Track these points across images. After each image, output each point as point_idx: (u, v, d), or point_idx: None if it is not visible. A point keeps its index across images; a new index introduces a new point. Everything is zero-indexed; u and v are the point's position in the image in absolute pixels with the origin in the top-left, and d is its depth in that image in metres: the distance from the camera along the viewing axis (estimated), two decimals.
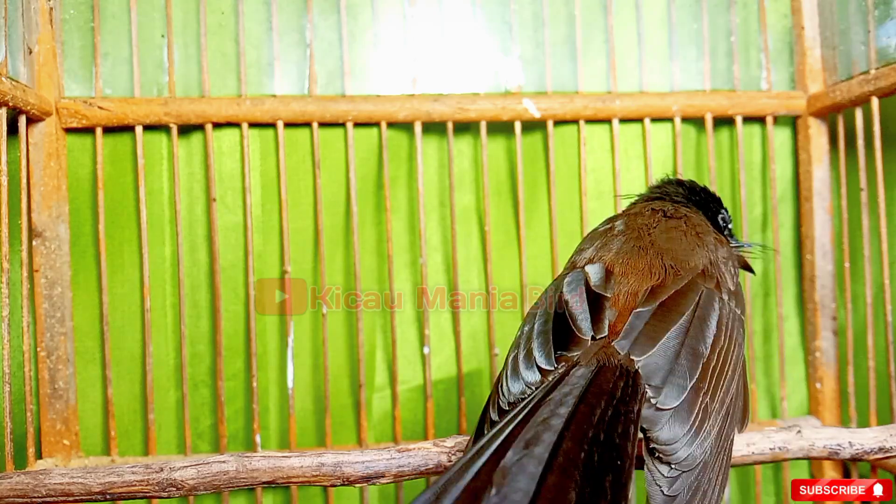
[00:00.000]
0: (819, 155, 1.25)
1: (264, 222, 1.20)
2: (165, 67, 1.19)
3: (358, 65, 1.23)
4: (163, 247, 1.18)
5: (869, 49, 1.13)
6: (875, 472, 1.12)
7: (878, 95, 1.10)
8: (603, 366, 0.69)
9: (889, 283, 1.11)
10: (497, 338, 1.22)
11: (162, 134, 1.18)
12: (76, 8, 1.17)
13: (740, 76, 1.28)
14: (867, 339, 1.14)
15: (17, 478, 0.80)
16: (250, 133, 1.18)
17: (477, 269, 1.24)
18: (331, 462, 0.83)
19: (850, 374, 1.19)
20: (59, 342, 1.12)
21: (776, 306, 1.28)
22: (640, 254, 0.83)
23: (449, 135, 1.21)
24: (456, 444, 0.84)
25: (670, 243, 0.85)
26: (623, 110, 1.23)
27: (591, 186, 1.25)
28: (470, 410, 1.23)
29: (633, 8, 1.27)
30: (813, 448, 0.87)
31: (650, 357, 0.70)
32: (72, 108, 1.13)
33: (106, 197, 1.16)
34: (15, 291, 1.05)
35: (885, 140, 1.12)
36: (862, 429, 0.89)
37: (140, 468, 0.81)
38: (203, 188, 1.19)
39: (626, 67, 1.27)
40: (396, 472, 0.83)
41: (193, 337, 1.18)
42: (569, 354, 0.72)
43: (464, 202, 1.24)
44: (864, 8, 1.14)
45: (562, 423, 0.59)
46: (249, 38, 1.20)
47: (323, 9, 1.22)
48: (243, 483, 0.82)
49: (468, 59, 1.25)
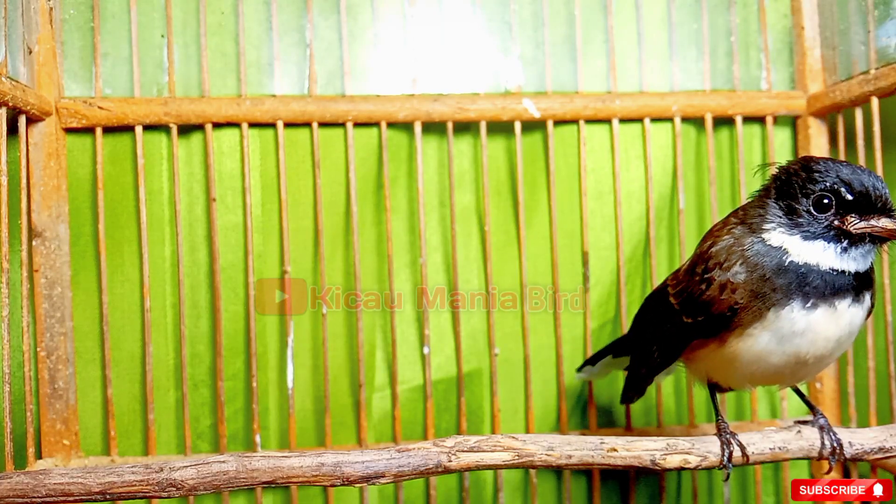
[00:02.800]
0: (819, 155, 1.25)
1: (264, 222, 1.20)
2: (165, 67, 1.19)
3: (358, 65, 1.23)
4: (163, 247, 1.18)
5: (869, 49, 1.13)
6: (875, 472, 1.12)
7: (878, 95, 1.10)
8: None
9: (889, 283, 1.11)
10: (497, 338, 1.22)
11: (162, 134, 1.18)
12: (76, 8, 1.17)
13: (740, 76, 1.28)
14: (867, 339, 1.14)
15: (16, 478, 0.79)
16: (250, 133, 1.18)
17: (477, 269, 1.24)
18: (331, 462, 0.83)
19: (850, 374, 1.19)
20: (59, 342, 1.12)
21: None
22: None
23: (449, 135, 1.21)
24: (456, 443, 0.84)
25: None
26: (623, 110, 1.23)
27: (591, 186, 1.25)
28: (470, 410, 1.23)
29: (633, 8, 1.27)
30: (813, 448, 0.87)
31: None
32: (72, 108, 1.13)
33: (106, 197, 1.16)
34: (15, 291, 1.05)
35: (885, 140, 1.12)
36: (862, 429, 0.89)
37: (140, 468, 0.81)
38: (203, 188, 1.19)
39: (626, 67, 1.27)
40: (396, 472, 0.83)
41: (193, 337, 1.18)
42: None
43: (464, 202, 1.24)
44: (864, 8, 1.14)
45: None
46: (249, 38, 1.20)
47: (323, 9, 1.22)
48: (243, 483, 0.82)
49: (468, 59, 1.25)
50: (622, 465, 0.85)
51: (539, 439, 0.85)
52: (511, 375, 1.23)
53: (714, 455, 0.86)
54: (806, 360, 0.85)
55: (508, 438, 0.85)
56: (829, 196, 0.83)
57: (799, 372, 0.88)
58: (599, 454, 0.85)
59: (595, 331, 1.25)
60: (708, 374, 0.93)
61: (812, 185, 0.83)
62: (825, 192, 0.83)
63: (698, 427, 1.23)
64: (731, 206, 1.29)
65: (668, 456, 0.85)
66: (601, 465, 0.85)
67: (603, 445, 0.85)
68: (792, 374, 0.88)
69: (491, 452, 0.84)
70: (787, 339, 0.83)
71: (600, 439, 0.86)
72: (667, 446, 0.85)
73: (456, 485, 1.22)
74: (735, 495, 1.28)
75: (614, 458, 0.85)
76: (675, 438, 0.86)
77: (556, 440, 0.85)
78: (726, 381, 0.93)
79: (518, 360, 1.23)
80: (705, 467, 0.86)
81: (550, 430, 1.24)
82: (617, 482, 1.26)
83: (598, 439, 0.86)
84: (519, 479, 1.25)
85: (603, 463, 0.85)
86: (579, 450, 0.85)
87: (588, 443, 0.85)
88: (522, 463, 0.84)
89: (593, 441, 0.86)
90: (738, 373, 0.89)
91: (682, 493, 1.27)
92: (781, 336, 0.83)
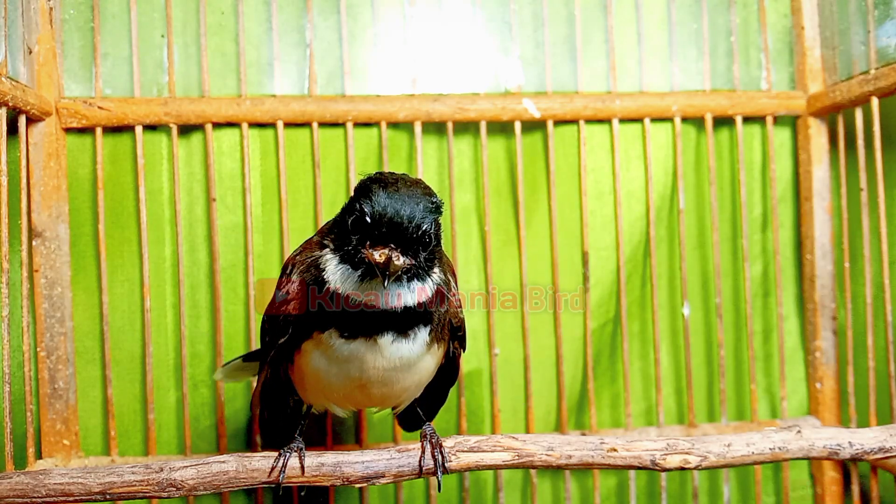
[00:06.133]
0: (819, 155, 1.25)
1: (264, 222, 1.20)
2: (165, 67, 1.19)
3: (358, 65, 1.23)
4: (163, 247, 1.18)
5: (869, 49, 1.13)
6: (875, 472, 1.12)
7: (878, 95, 1.10)
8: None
9: (889, 283, 1.11)
10: (497, 338, 1.22)
11: (162, 134, 1.18)
12: (76, 8, 1.17)
13: (740, 76, 1.28)
14: (867, 339, 1.14)
15: (16, 478, 0.80)
16: (250, 133, 1.19)
17: (477, 269, 1.24)
18: (331, 462, 0.83)
19: (850, 374, 1.19)
20: (59, 342, 1.12)
21: (776, 306, 1.28)
22: None
23: (449, 135, 1.21)
24: (456, 443, 0.85)
25: None
26: (623, 110, 1.23)
27: (591, 186, 1.25)
28: (470, 410, 1.23)
29: (633, 8, 1.27)
30: (813, 448, 0.87)
31: None
32: (72, 108, 1.13)
33: (106, 197, 1.16)
34: (15, 291, 1.05)
35: (885, 140, 1.12)
36: (862, 429, 0.89)
37: (140, 468, 0.81)
38: (203, 188, 1.19)
39: (626, 67, 1.27)
40: (396, 472, 0.83)
41: (193, 337, 1.18)
42: None
43: (464, 202, 1.24)
44: (864, 8, 1.14)
45: None
46: (249, 38, 1.20)
47: (323, 9, 1.22)
48: (243, 483, 0.82)
49: (468, 59, 1.25)
50: (622, 465, 0.85)
51: (539, 439, 0.85)
52: (511, 375, 1.23)
53: (714, 455, 0.86)
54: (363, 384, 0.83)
55: (508, 438, 0.85)
56: (358, 214, 0.76)
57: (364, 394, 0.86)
58: (599, 454, 0.85)
59: (595, 331, 1.25)
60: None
61: (356, 200, 0.77)
62: (358, 210, 0.76)
63: (698, 427, 1.23)
64: (731, 206, 1.29)
65: (668, 456, 0.85)
66: (601, 465, 0.86)
67: (603, 445, 0.85)
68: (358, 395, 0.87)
69: (491, 452, 0.84)
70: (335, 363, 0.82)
71: (600, 439, 0.86)
72: (667, 446, 0.85)
73: (456, 485, 1.22)
74: (735, 495, 1.28)
75: (614, 458, 0.85)
76: (675, 438, 0.86)
77: (556, 440, 0.85)
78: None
79: (518, 360, 1.23)
80: (705, 467, 0.86)
81: (550, 430, 1.24)
82: (617, 482, 1.26)
83: (598, 439, 0.86)
84: (519, 479, 1.25)
85: (603, 463, 0.85)
86: (579, 450, 0.85)
87: (588, 443, 0.86)
88: (522, 463, 0.85)
89: (593, 441, 0.86)
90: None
91: (682, 493, 1.27)
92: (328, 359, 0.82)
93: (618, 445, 0.85)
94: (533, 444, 0.84)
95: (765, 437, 0.87)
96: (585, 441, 0.86)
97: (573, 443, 0.85)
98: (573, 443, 0.85)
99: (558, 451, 0.85)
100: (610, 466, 0.86)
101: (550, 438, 0.85)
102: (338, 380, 0.84)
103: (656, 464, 0.85)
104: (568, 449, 0.85)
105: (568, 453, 0.85)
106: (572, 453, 0.85)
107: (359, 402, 0.91)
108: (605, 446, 0.85)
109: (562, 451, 0.85)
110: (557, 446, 0.85)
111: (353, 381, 0.84)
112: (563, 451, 0.85)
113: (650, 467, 0.85)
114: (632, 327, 1.26)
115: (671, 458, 0.85)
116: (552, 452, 0.84)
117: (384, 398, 0.88)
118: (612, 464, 0.85)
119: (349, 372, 0.82)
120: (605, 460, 0.85)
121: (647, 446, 0.85)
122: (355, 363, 0.81)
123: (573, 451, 0.85)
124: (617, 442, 0.85)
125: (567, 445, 0.85)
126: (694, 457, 0.85)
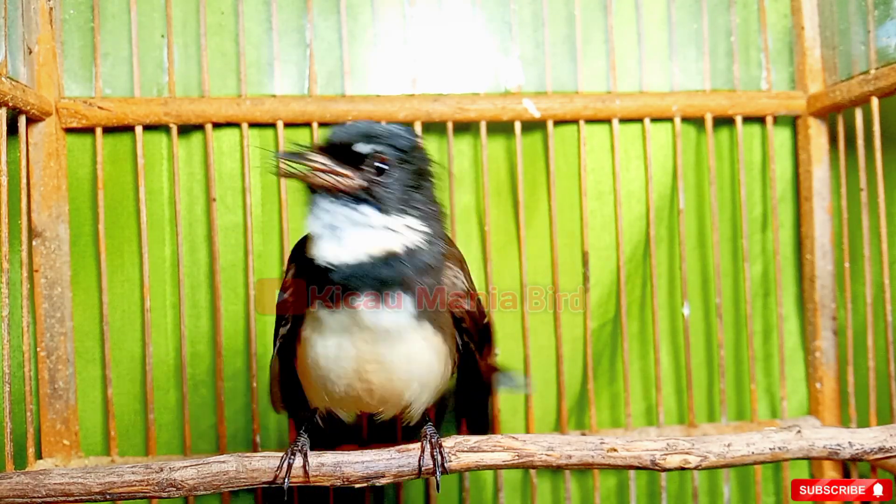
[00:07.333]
0: (819, 155, 1.25)
1: (264, 222, 1.20)
2: (165, 67, 1.19)
3: (358, 65, 1.23)
4: (163, 247, 1.18)
5: (869, 49, 1.13)
6: (875, 472, 1.12)
7: (878, 95, 1.10)
8: None
9: (889, 283, 1.11)
10: (497, 338, 1.22)
11: (162, 134, 1.18)
12: (76, 8, 1.17)
13: (740, 76, 1.28)
14: (867, 339, 1.14)
15: (16, 478, 0.80)
16: (250, 133, 1.18)
17: (477, 269, 1.24)
18: (331, 462, 0.83)
19: (850, 374, 1.19)
20: (59, 342, 1.12)
21: (776, 306, 1.28)
22: None
23: (449, 135, 1.21)
24: (456, 443, 0.85)
25: None
26: (623, 110, 1.23)
27: (591, 186, 1.25)
28: None
29: (633, 8, 1.27)
30: (813, 448, 0.87)
31: None
32: (72, 108, 1.13)
33: (106, 197, 1.16)
34: (15, 291, 1.05)
35: (885, 140, 1.12)
36: (862, 429, 0.89)
37: (140, 468, 0.81)
38: (203, 188, 1.19)
39: (626, 67, 1.27)
40: (396, 472, 0.83)
41: (193, 337, 1.18)
42: None
43: (464, 202, 1.24)
44: (864, 8, 1.14)
45: None
46: (249, 38, 1.20)
47: (323, 9, 1.22)
48: (243, 483, 0.82)
49: (468, 59, 1.25)
50: (622, 465, 0.85)
51: (539, 439, 0.85)
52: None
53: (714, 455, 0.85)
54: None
55: (508, 438, 0.85)
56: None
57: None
58: (599, 454, 0.85)
59: (595, 331, 1.25)
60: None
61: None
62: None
63: (698, 427, 1.23)
64: (731, 206, 1.29)
65: (668, 456, 0.85)
66: (601, 465, 0.85)
67: (603, 445, 0.85)
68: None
69: (491, 452, 0.84)
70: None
71: (600, 439, 0.86)
72: (667, 446, 0.85)
73: (456, 485, 1.22)
74: (735, 495, 1.28)
75: (614, 458, 0.85)
76: (675, 438, 0.86)
77: (556, 440, 0.85)
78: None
79: (518, 360, 1.23)
80: (705, 467, 0.86)
81: (550, 430, 1.24)
82: (617, 482, 1.26)
83: (598, 439, 0.86)
84: (519, 479, 1.25)
85: (603, 463, 0.85)
86: (579, 450, 0.85)
87: (588, 443, 0.85)
88: (522, 463, 0.84)
89: (593, 441, 0.86)
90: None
91: (682, 493, 1.27)
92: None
93: (618, 445, 0.85)
94: (533, 444, 0.84)
95: (765, 437, 0.87)
96: (585, 441, 0.86)
97: (573, 443, 0.85)
98: (573, 443, 0.85)
99: (558, 451, 0.84)
100: (610, 466, 0.86)
101: (550, 438, 0.85)
102: (336, 364, 0.84)
103: (656, 464, 0.85)
104: (568, 449, 0.85)
105: (568, 453, 0.85)
106: (572, 453, 0.85)
107: (361, 399, 0.90)
108: (605, 446, 0.85)
109: (562, 451, 0.85)
110: (557, 446, 0.85)
111: (350, 363, 0.83)
112: (563, 451, 0.85)
113: (650, 467, 0.85)
114: (632, 327, 1.26)
115: (671, 458, 0.85)
116: (552, 452, 0.84)
117: (384, 392, 0.87)
118: (612, 464, 0.85)
119: (342, 349, 0.82)
120: (605, 460, 0.85)
121: (647, 446, 0.85)
122: (345, 338, 0.81)
123: (573, 451, 0.85)
124: (617, 442, 0.85)
125: (567, 445, 0.85)
126: (694, 457, 0.85)
